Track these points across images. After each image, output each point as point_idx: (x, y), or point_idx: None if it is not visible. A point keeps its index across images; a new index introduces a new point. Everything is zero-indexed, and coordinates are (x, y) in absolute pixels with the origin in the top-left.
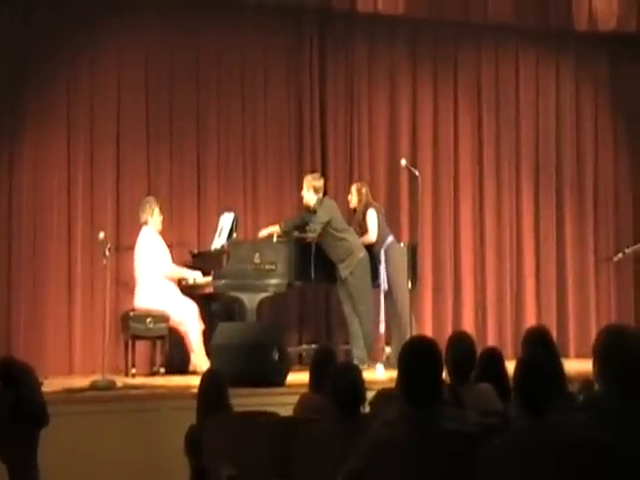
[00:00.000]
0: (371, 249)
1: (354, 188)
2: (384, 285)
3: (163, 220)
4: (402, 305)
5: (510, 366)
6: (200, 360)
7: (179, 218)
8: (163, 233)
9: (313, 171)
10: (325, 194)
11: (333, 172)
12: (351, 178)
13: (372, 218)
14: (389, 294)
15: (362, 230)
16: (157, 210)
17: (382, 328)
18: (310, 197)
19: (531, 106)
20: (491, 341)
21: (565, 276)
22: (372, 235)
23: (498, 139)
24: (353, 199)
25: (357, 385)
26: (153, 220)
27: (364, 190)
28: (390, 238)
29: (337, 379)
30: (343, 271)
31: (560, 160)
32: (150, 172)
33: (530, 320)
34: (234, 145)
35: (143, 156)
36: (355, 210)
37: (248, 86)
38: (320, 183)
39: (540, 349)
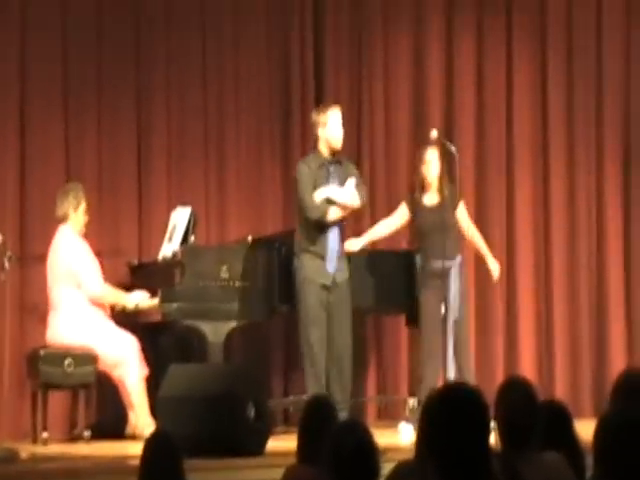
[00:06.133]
0: None
1: (431, 154)
2: (454, 311)
3: (90, 220)
4: (464, 339)
5: (588, 428)
6: (142, 419)
7: (112, 217)
8: (89, 237)
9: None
10: None
11: None
12: (359, 155)
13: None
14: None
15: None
16: (83, 205)
17: (451, 373)
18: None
19: (617, 45)
20: (560, 392)
21: None
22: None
23: (570, 96)
24: (430, 169)
25: (367, 453)
26: (76, 217)
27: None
28: None
29: (338, 444)
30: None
31: None
32: (69, 153)
33: (618, 361)
34: (191, 114)
35: (59, 130)
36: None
37: (212, 25)
38: None
39: (637, 403)
